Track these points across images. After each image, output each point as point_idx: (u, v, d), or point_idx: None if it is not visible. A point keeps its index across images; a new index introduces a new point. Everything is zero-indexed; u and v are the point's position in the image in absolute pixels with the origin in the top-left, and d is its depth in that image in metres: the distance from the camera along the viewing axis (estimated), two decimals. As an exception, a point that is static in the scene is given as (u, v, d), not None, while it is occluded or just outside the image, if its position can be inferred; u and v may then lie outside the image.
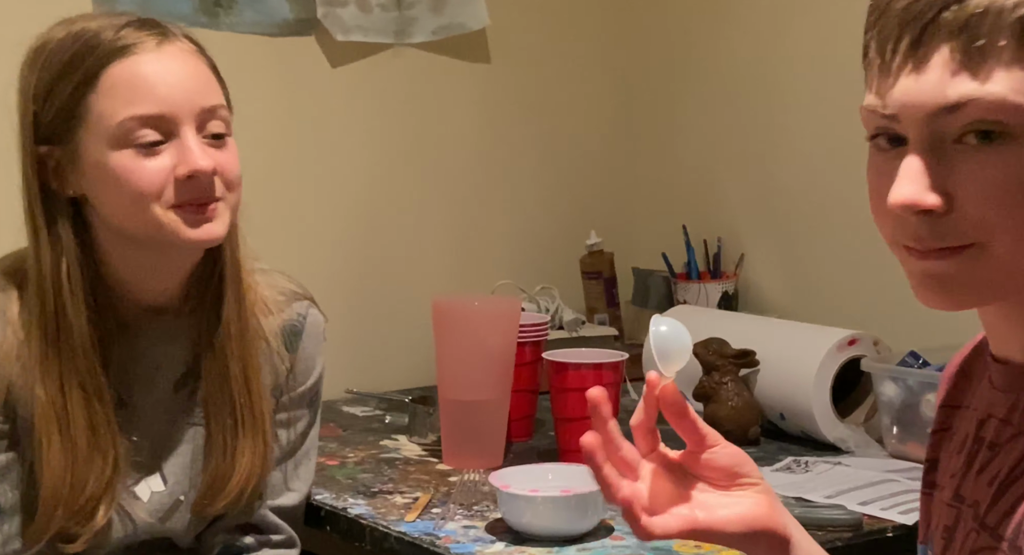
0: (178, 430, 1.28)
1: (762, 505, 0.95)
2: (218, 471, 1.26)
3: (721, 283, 2.07)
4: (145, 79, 1.17)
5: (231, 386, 1.26)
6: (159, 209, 1.18)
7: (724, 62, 2.15)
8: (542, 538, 1.32)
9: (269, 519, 1.35)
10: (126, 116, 1.16)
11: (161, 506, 1.28)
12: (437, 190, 2.13)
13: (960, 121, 0.75)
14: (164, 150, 1.18)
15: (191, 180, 1.18)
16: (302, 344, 1.34)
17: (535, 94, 2.21)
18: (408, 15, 2.04)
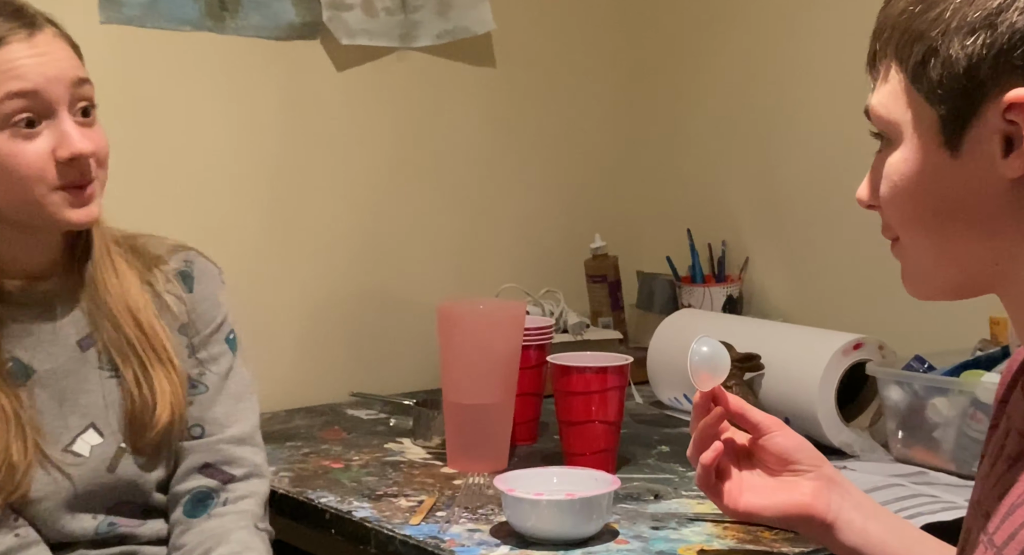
0: (97, 384, 1.31)
1: (805, 492, 1.10)
2: (139, 404, 1.31)
3: (725, 287, 2.07)
4: (20, 62, 1.19)
5: (124, 330, 1.31)
6: (41, 191, 1.21)
7: (729, 66, 2.15)
8: (547, 542, 1.32)
9: (225, 452, 1.36)
10: (2, 94, 1.17)
11: (105, 456, 1.31)
12: (442, 194, 2.13)
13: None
14: (41, 132, 1.21)
15: (72, 162, 1.21)
16: (196, 285, 1.38)
17: (540, 98, 2.22)
18: (413, 19, 2.04)
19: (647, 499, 1.48)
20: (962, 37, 0.78)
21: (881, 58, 0.84)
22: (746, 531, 1.36)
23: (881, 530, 1.10)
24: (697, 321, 1.93)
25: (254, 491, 1.37)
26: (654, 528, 1.37)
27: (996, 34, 0.77)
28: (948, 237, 0.83)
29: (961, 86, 0.79)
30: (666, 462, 1.64)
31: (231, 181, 1.94)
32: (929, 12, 0.80)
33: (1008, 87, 0.77)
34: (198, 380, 1.37)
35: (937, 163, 0.82)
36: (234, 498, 1.35)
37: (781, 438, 1.12)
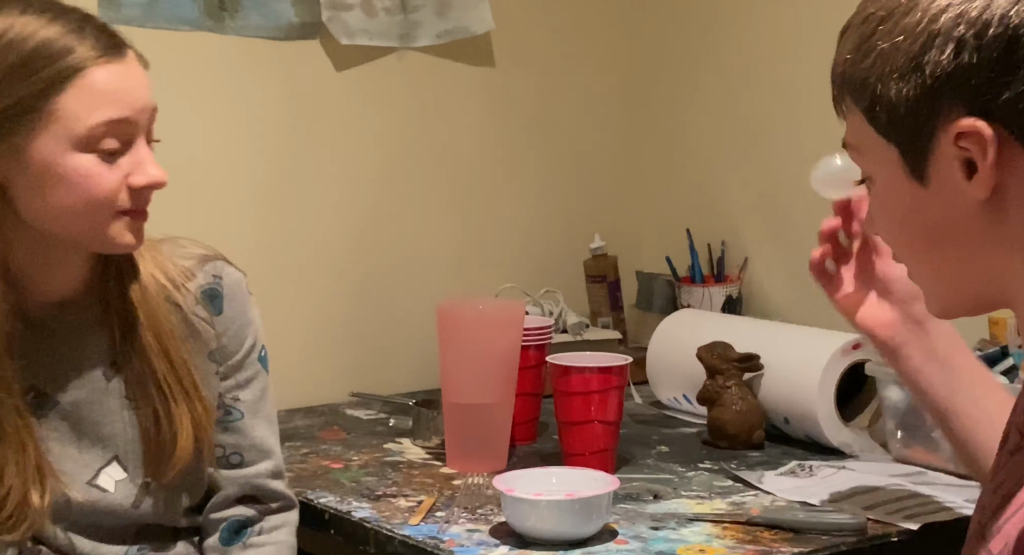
0: (119, 415, 1.28)
1: (881, 316, 1.24)
2: (159, 440, 1.27)
3: (725, 287, 2.07)
4: (117, 85, 1.18)
5: (150, 361, 1.27)
6: (107, 215, 1.20)
7: (729, 66, 2.15)
8: (546, 542, 1.32)
9: (267, 487, 1.36)
10: (98, 121, 1.16)
11: (130, 492, 1.28)
12: (441, 194, 2.13)
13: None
14: (120, 159, 1.20)
15: (142, 189, 1.21)
16: (225, 304, 1.34)
17: (539, 98, 2.22)
18: (413, 19, 2.04)
19: (646, 499, 1.48)
20: (896, 82, 0.81)
21: (841, 100, 0.88)
22: (745, 531, 1.36)
23: (934, 375, 1.22)
24: (696, 321, 1.93)
25: (288, 520, 1.38)
26: (653, 528, 1.37)
27: (924, 75, 0.80)
28: (942, 261, 0.87)
29: (909, 125, 0.82)
30: (665, 462, 1.64)
31: (230, 181, 1.94)
32: (865, 60, 0.83)
33: (953, 116, 0.80)
34: (232, 406, 1.34)
35: (912, 194, 0.85)
36: (269, 528, 1.36)
37: (884, 265, 1.25)
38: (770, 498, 1.47)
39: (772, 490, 1.49)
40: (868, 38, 0.83)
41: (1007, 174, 0.80)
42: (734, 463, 1.62)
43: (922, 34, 0.80)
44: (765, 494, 1.49)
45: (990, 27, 0.78)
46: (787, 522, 1.36)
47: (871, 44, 0.83)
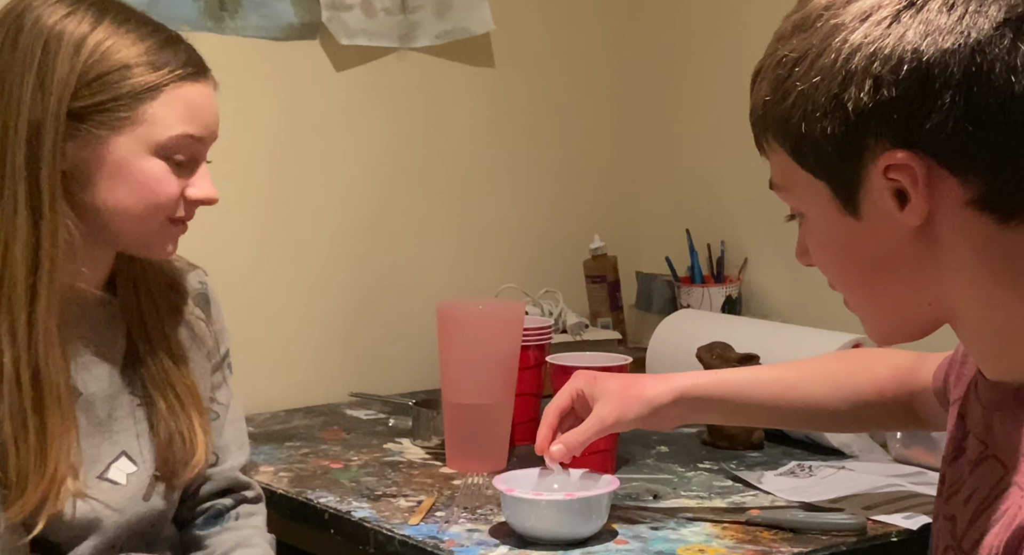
0: (130, 412, 1.31)
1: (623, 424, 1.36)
2: (174, 440, 1.31)
3: (724, 287, 2.07)
4: (201, 104, 1.26)
5: (164, 362, 1.32)
6: (162, 220, 1.25)
7: (728, 66, 2.15)
8: (546, 542, 1.32)
9: (240, 479, 1.40)
10: (182, 133, 1.23)
11: (141, 485, 1.30)
12: (441, 194, 2.13)
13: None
14: (184, 171, 1.26)
15: (194, 203, 1.28)
16: (212, 308, 1.41)
17: (539, 99, 2.22)
18: (412, 19, 2.04)
19: (646, 499, 1.48)
20: (820, 120, 0.83)
21: (763, 140, 0.91)
22: (745, 531, 1.36)
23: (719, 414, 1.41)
24: (696, 321, 1.93)
25: (260, 510, 1.42)
26: (653, 528, 1.37)
27: (846, 112, 0.82)
28: (880, 291, 0.88)
29: (837, 161, 0.84)
30: (665, 462, 1.64)
31: (229, 181, 1.92)
32: (785, 100, 0.85)
33: (879, 149, 0.82)
34: (210, 408, 1.38)
35: (845, 228, 0.86)
36: (245, 514, 1.39)
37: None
38: (770, 498, 1.47)
39: (772, 490, 1.49)
40: (785, 80, 0.85)
41: (936, 199, 0.82)
42: (734, 463, 1.62)
43: (839, 73, 0.81)
44: (765, 494, 1.49)
45: (904, 62, 0.80)
46: (787, 522, 1.36)
47: (789, 85, 0.84)
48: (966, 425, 0.93)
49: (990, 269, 0.83)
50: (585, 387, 1.35)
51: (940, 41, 0.79)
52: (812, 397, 1.34)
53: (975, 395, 0.92)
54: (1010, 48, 0.79)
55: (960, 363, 1.07)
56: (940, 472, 0.98)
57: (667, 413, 1.34)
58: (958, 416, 0.96)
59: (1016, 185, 0.81)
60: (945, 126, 0.80)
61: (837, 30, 0.82)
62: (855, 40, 0.81)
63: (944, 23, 0.79)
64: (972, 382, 0.94)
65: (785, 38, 0.86)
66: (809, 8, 0.85)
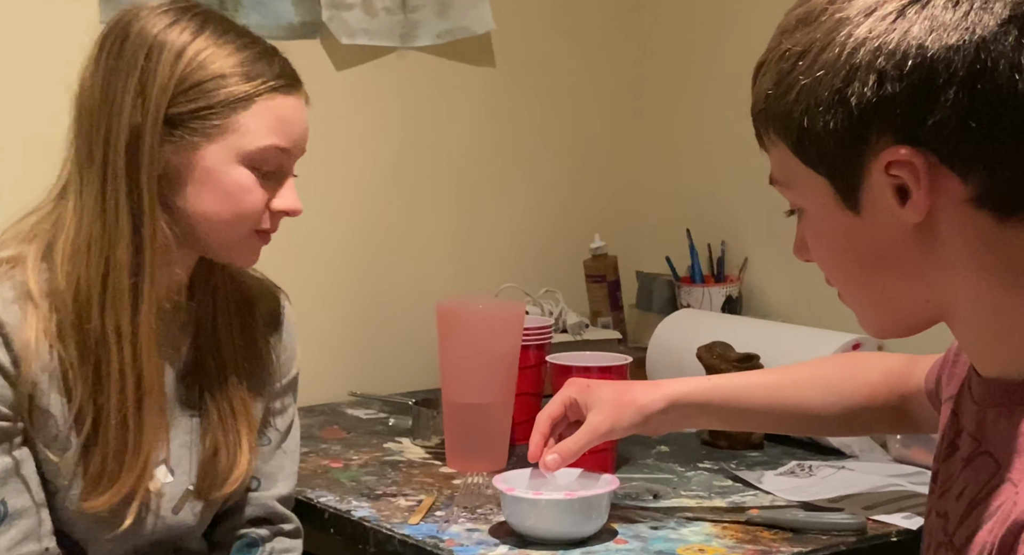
0: (178, 421, 1.31)
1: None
2: (219, 456, 1.31)
3: (725, 287, 2.07)
4: (291, 117, 1.28)
5: (228, 378, 1.32)
6: (246, 229, 1.27)
7: (730, 66, 2.15)
8: (546, 541, 1.32)
9: (278, 509, 1.40)
10: (269, 143, 1.25)
11: (173, 497, 1.30)
12: (441, 193, 2.13)
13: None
14: (271, 182, 1.28)
15: (281, 214, 1.30)
16: (285, 332, 1.41)
17: (540, 98, 2.22)
18: (413, 19, 2.04)
19: (646, 499, 1.48)
20: (822, 115, 0.83)
21: (764, 135, 0.90)
22: (745, 531, 1.36)
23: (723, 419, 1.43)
24: (696, 321, 1.93)
25: (296, 547, 1.42)
26: (653, 528, 1.37)
27: (849, 107, 0.81)
28: (877, 287, 0.88)
29: (838, 157, 0.84)
30: (665, 462, 1.64)
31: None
32: (788, 94, 0.85)
33: (881, 145, 0.82)
34: (263, 431, 1.39)
35: (845, 224, 0.86)
36: (279, 550, 1.39)
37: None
38: (769, 498, 1.47)
39: (772, 490, 1.49)
40: (788, 74, 0.84)
41: (937, 196, 0.82)
42: (734, 463, 1.62)
43: (843, 68, 0.81)
44: (765, 494, 1.49)
45: (909, 58, 0.79)
46: (787, 522, 1.36)
47: (792, 79, 0.84)
48: (959, 422, 0.93)
49: (987, 266, 0.84)
50: (578, 395, 1.35)
51: (945, 37, 0.79)
52: (804, 402, 1.34)
53: (968, 392, 0.92)
54: (1015, 45, 0.79)
55: (952, 362, 1.08)
56: (933, 469, 0.98)
57: (660, 420, 1.34)
58: (952, 413, 0.96)
59: (1017, 183, 0.81)
60: (948, 123, 0.80)
61: (841, 24, 0.82)
62: (860, 35, 0.81)
63: (949, 19, 0.79)
64: (966, 379, 0.94)
65: (788, 32, 0.86)
66: (813, 2, 0.85)
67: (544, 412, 1.37)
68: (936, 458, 0.97)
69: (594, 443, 1.34)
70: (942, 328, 0.91)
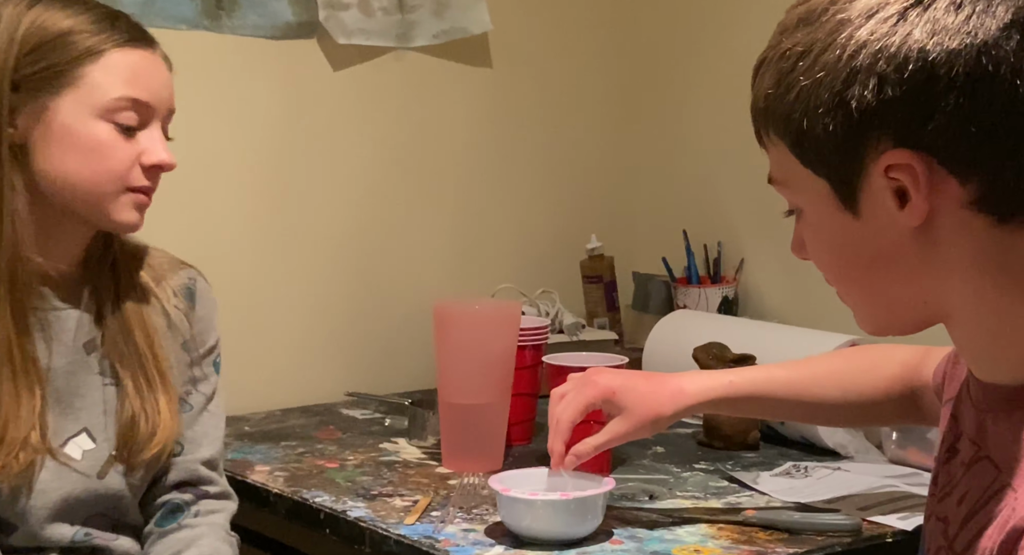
0: (95, 389, 1.32)
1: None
2: (138, 422, 1.32)
3: (721, 288, 2.07)
4: (144, 69, 1.27)
5: (136, 344, 1.33)
6: (116, 188, 1.27)
7: (725, 67, 2.15)
8: (541, 542, 1.32)
9: (202, 472, 1.39)
10: (122, 95, 1.25)
11: (96, 462, 1.31)
12: (438, 193, 2.13)
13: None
14: (135, 137, 1.27)
15: (152, 169, 1.29)
16: (198, 304, 1.42)
17: (536, 99, 2.22)
18: (410, 19, 2.04)
19: (642, 500, 1.48)
20: (821, 117, 0.82)
21: (764, 134, 0.89)
22: (740, 532, 1.36)
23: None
24: (693, 322, 1.93)
25: (225, 507, 1.41)
26: (649, 528, 1.37)
27: (849, 110, 0.81)
28: (875, 288, 0.88)
29: (838, 159, 0.83)
30: (661, 463, 1.64)
31: (227, 180, 1.94)
32: (788, 95, 0.84)
33: (881, 148, 0.81)
34: (184, 399, 1.40)
35: (844, 225, 0.86)
36: (205, 511, 1.39)
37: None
38: (765, 499, 1.47)
39: (767, 491, 1.49)
40: (788, 74, 0.84)
41: (936, 199, 0.82)
42: (729, 464, 1.62)
43: (843, 70, 0.81)
44: (760, 495, 1.49)
45: (909, 62, 0.79)
46: (782, 523, 1.36)
47: (792, 80, 0.84)
48: (959, 426, 0.93)
49: (986, 269, 0.83)
50: (604, 403, 1.35)
51: (946, 41, 0.79)
52: (821, 398, 1.34)
53: (968, 396, 0.92)
54: (1016, 50, 0.79)
55: (953, 363, 1.07)
56: (933, 472, 0.98)
57: (680, 419, 1.37)
58: (951, 417, 0.96)
59: (1016, 186, 0.81)
60: (948, 127, 0.79)
61: (843, 26, 0.82)
62: (860, 37, 0.81)
63: (951, 23, 0.79)
64: (964, 383, 0.94)
65: (789, 31, 0.85)
66: (815, 1, 0.85)
67: (567, 416, 1.34)
68: (937, 461, 0.97)
69: (612, 446, 1.37)
70: (940, 327, 0.90)
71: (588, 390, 1.35)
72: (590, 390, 1.35)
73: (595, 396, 1.35)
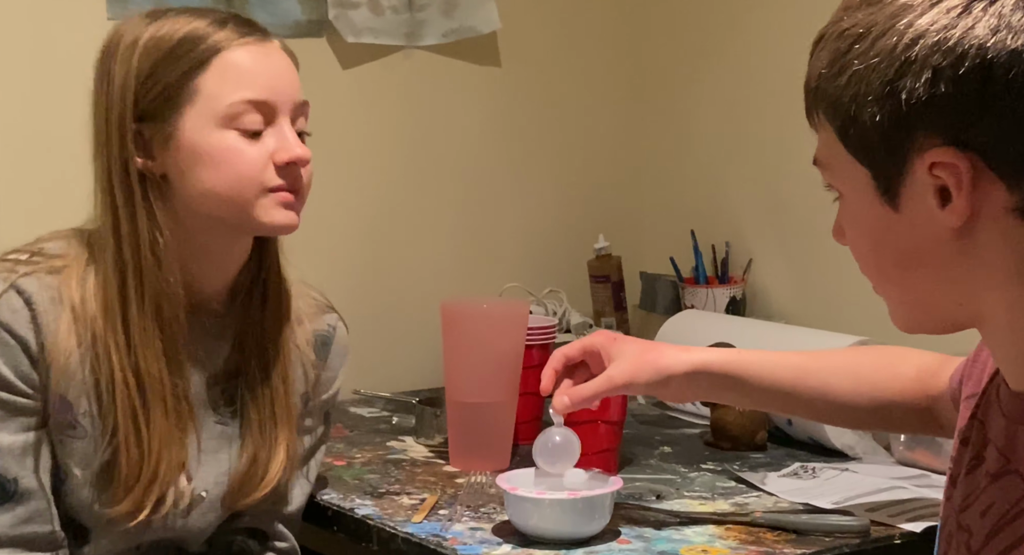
0: (203, 427, 1.30)
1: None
2: (256, 463, 1.30)
3: (729, 288, 2.07)
4: (255, 66, 1.23)
5: (271, 382, 1.30)
6: (255, 191, 1.24)
7: (735, 67, 2.15)
8: (549, 541, 1.32)
9: (276, 527, 1.38)
10: (237, 99, 1.22)
11: (184, 500, 1.29)
12: (446, 192, 2.13)
13: None
14: (263, 137, 1.24)
15: (288, 167, 1.25)
16: (330, 354, 1.39)
17: (545, 98, 2.22)
18: (419, 18, 2.04)
19: (649, 499, 1.48)
20: (870, 105, 0.80)
21: (814, 113, 0.86)
22: (748, 532, 1.36)
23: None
24: (700, 322, 1.93)
25: None
26: (656, 528, 1.37)
27: (899, 102, 0.78)
28: (909, 285, 0.86)
29: (882, 150, 0.81)
30: (668, 462, 1.64)
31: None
32: (840, 77, 0.81)
33: (928, 144, 0.79)
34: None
35: (883, 218, 0.83)
36: None
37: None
38: (773, 499, 1.47)
39: (775, 491, 1.49)
40: (843, 55, 0.81)
41: (980, 202, 0.79)
42: (737, 464, 1.62)
43: (898, 59, 0.78)
44: (768, 495, 1.49)
45: (966, 59, 0.76)
46: (790, 523, 1.36)
47: (846, 62, 0.81)
48: (986, 434, 0.90)
49: None
50: (603, 345, 1.32)
51: (1009, 40, 0.76)
52: (833, 389, 1.30)
53: (997, 403, 0.89)
54: None
55: (973, 360, 1.04)
56: (950, 475, 0.95)
57: (680, 385, 1.31)
58: (978, 423, 0.92)
59: None
60: (1000, 129, 0.77)
61: (905, 11, 0.79)
62: (921, 25, 0.77)
63: (1016, 21, 0.76)
64: (993, 387, 0.91)
65: (852, 8, 0.82)
66: None
67: (561, 349, 1.35)
68: (956, 463, 0.94)
69: (608, 394, 1.32)
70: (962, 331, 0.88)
71: (591, 336, 1.35)
72: (593, 335, 1.35)
73: (598, 339, 1.33)
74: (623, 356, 1.30)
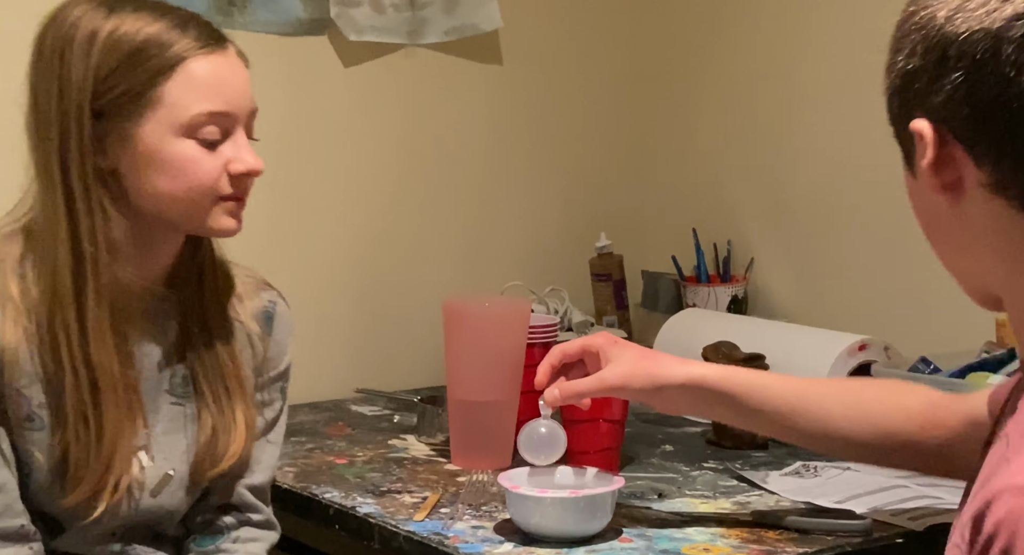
0: (159, 408, 1.31)
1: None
2: (214, 437, 1.31)
3: (731, 287, 2.07)
4: (217, 78, 1.24)
5: (219, 359, 1.32)
6: (209, 200, 1.25)
7: (737, 66, 2.15)
8: (550, 539, 1.32)
9: (246, 498, 1.38)
10: (200, 111, 1.22)
11: (152, 481, 1.30)
12: (448, 191, 2.13)
13: None
14: (220, 147, 1.25)
15: (240, 177, 1.27)
16: (275, 328, 1.40)
17: (547, 96, 2.22)
18: (421, 16, 2.04)
19: (651, 498, 1.48)
20: (892, 76, 0.87)
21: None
22: (750, 531, 1.36)
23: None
24: (701, 321, 1.93)
25: (265, 537, 1.39)
26: (658, 527, 1.37)
27: (892, 77, 0.86)
28: (942, 253, 0.89)
29: (893, 120, 0.88)
30: (670, 461, 1.64)
31: (237, 176, 1.93)
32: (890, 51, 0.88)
33: (913, 115, 0.84)
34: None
35: (910, 185, 0.88)
36: (245, 538, 1.37)
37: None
38: (775, 498, 1.47)
39: (777, 490, 1.49)
40: (898, 28, 0.88)
41: (961, 176, 0.83)
42: (739, 463, 1.62)
43: (906, 34, 0.85)
44: (770, 494, 1.49)
45: (931, 37, 0.82)
46: (792, 522, 1.36)
47: (895, 35, 0.87)
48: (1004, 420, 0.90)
49: (1006, 253, 0.83)
50: (603, 346, 1.34)
51: (960, 22, 0.81)
52: (831, 416, 1.27)
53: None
54: (1021, 42, 0.79)
55: None
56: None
57: (672, 395, 1.31)
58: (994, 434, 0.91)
59: (1017, 175, 0.81)
60: (951, 103, 0.81)
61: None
62: (913, 9, 0.85)
63: (972, 6, 0.81)
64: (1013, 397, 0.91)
65: None
66: None
67: (560, 346, 1.36)
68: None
69: (599, 394, 1.34)
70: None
71: (593, 336, 1.36)
72: (595, 336, 1.36)
73: (599, 340, 1.35)
74: (620, 360, 1.32)
